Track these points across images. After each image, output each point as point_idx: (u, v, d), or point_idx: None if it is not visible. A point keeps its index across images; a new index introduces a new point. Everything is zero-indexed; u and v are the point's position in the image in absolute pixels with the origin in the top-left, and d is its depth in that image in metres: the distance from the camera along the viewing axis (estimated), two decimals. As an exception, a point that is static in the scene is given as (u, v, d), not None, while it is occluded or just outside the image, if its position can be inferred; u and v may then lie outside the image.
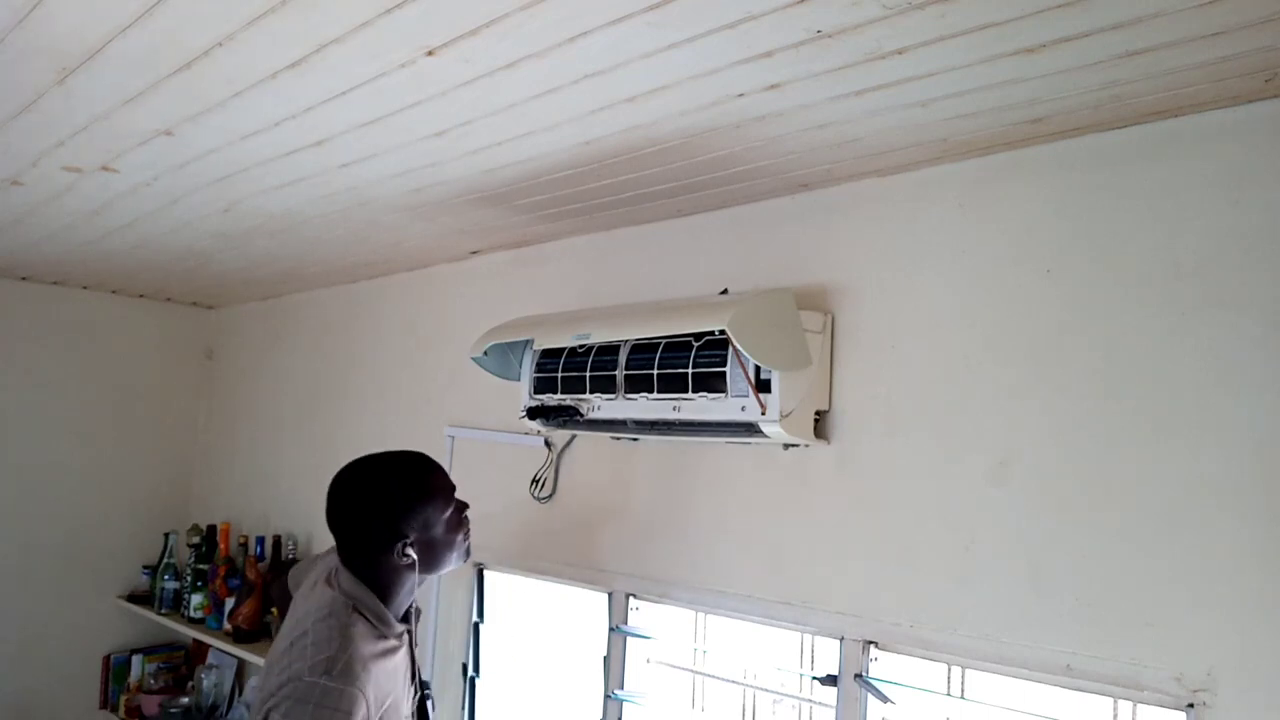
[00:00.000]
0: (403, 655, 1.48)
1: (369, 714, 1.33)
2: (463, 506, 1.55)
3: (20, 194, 1.99)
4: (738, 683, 2.01)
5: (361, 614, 1.42)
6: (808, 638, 2.10)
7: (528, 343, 1.95)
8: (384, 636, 1.43)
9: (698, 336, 1.61)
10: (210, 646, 3.05)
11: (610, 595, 1.98)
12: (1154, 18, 1.01)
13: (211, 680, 3.07)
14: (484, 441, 2.34)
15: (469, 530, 1.56)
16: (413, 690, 1.53)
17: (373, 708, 1.34)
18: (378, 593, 1.45)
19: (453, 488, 1.55)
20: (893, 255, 1.60)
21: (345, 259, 2.58)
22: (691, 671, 1.97)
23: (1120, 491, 1.30)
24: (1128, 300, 1.32)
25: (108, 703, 3.29)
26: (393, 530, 1.44)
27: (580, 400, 1.81)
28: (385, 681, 1.40)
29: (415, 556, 1.44)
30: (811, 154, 1.53)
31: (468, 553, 1.56)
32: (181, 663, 3.33)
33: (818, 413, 1.62)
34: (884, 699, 1.52)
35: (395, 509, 1.45)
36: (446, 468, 2.39)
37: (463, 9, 1.07)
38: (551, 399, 1.87)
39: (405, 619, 1.52)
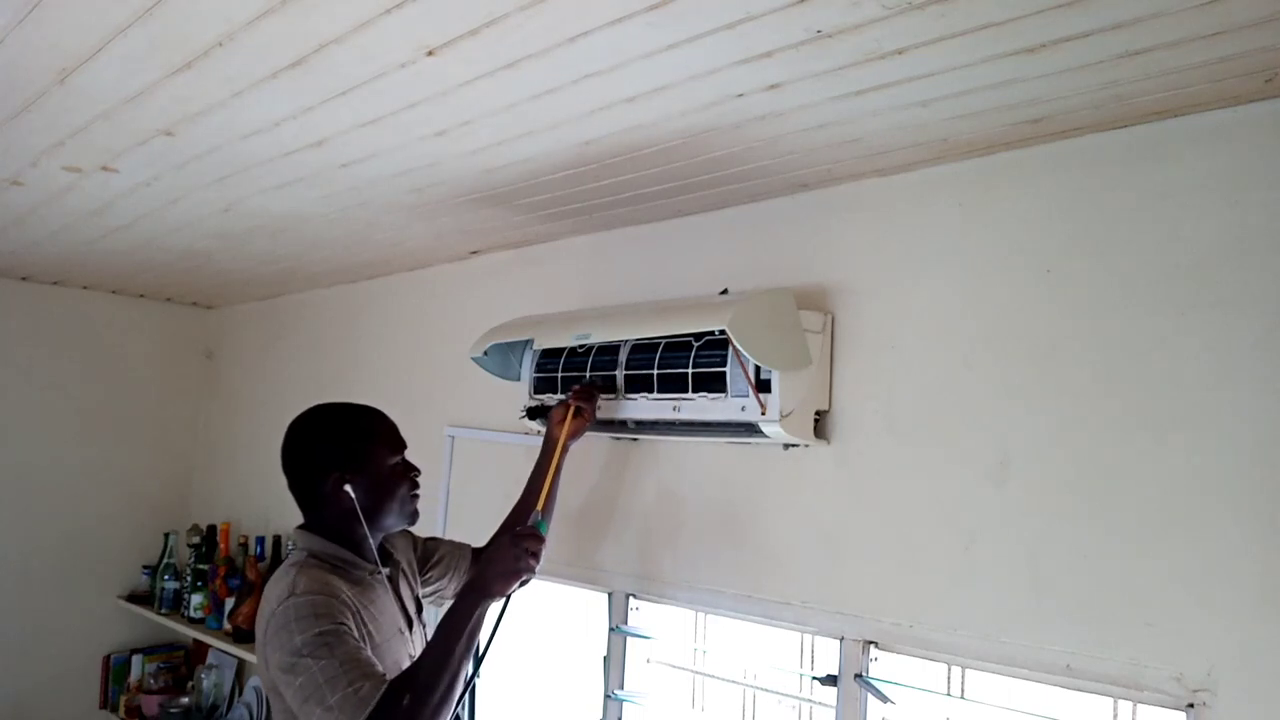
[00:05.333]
0: (384, 596, 1.49)
1: (353, 618, 1.36)
2: (412, 466, 1.57)
3: (20, 194, 1.99)
4: (738, 683, 2.01)
5: (317, 559, 1.46)
6: (808, 638, 2.10)
7: (528, 343, 1.95)
8: (350, 578, 1.45)
9: (698, 336, 1.61)
10: (210, 646, 3.05)
11: (610, 595, 1.98)
12: (1154, 18, 1.01)
13: (211, 680, 3.07)
14: (484, 441, 2.34)
15: (416, 492, 1.56)
16: (408, 638, 1.52)
17: (355, 615, 1.37)
18: (333, 539, 1.48)
19: (400, 441, 1.57)
20: (893, 255, 1.60)
21: (345, 259, 2.58)
22: (691, 671, 1.97)
23: (1120, 491, 1.30)
24: (1127, 300, 1.32)
25: (108, 703, 3.29)
26: (329, 462, 1.48)
27: (580, 400, 1.81)
28: (368, 607, 1.43)
29: (353, 494, 1.45)
30: (811, 154, 1.53)
31: (413, 515, 1.56)
32: (181, 663, 3.33)
33: (818, 413, 1.62)
34: (884, 699, 1.52)
35: (332, 442, 1.50)
36: (446, 467, 2.42)
37: (463, 9, 1.07)
38: (552, 399, 1.87)
39: (383, 564, 1.55)
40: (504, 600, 1.42)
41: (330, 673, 1.25)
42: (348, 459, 1.48)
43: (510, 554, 1.38)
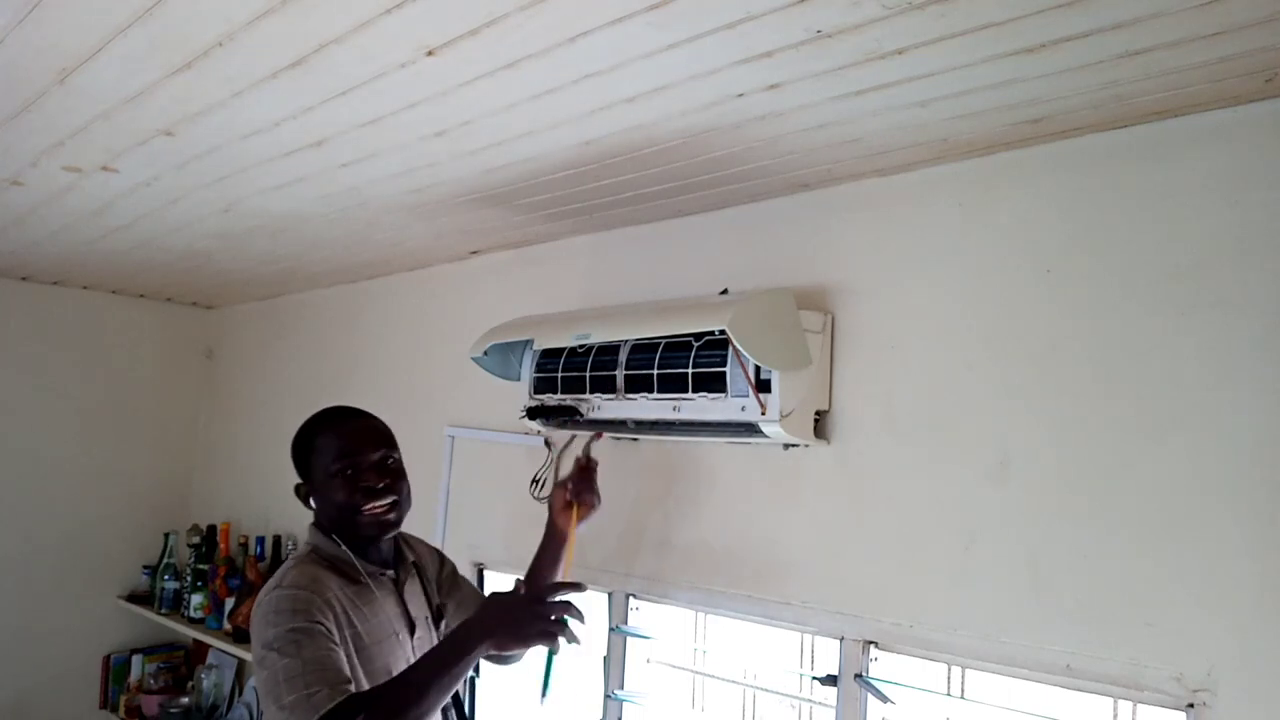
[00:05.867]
0: (383, 598, 1.49)
1: (335, 619, 1.34)
2: (364, 474, 1.47)
3: (20, 194, 1.99)
4: (738, 683, 2.01)
5: (317, 555, 1.48)
6: (808, 638, 2.10)
7: (528, 343, 1.95)
8: (348, 577, 1.46)
9: (698, 336, 1.61)
10: (210, 646, 3.06)
11: (610, 595, 1.98)
12: (1154, 18, 1.01)
13: (211, 680, 3.07)
14: (484, 441, 2.34)
15: (369, 504, 1.46)
16: (408, 641, 1.51)
17: (339, 616, 1.36)
18: (331, 536, 1.50)
19: (351, 447, 1.48)
20: (893, 255, 1.60)
21: (345, 259, 2.58)
22: (691, 671, 1.97)
23: (1120, 491, 1.30)
24: (1127, 300, 1.32)
25: (108, 703, 3.29)
26: (298, 473, 1.56)
27: (580, 400, 1.81)
28: (361, 608, 1.43)
29: (312, 504, 1.51)
30: (811, 154, 1.53)
31: (367, 525, 1.47)
32: (181, 663, 3.33)
33: (818, 413, 1.62)
34: (884, 699, 1.52)
35: (294, 454, 1.57)
36: (446, 467, 2.42)
37: (463, 9, 1.07)
38: (551, 399, 1.87)
39: (395, 565, 1.57)
40: (546, 666, 1.43)
41: (292, 671, 1.23)
42: (301, 470, 1.55)
43: (529, 614, 1.29)
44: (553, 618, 1.31)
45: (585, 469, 1.72)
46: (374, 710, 1.20)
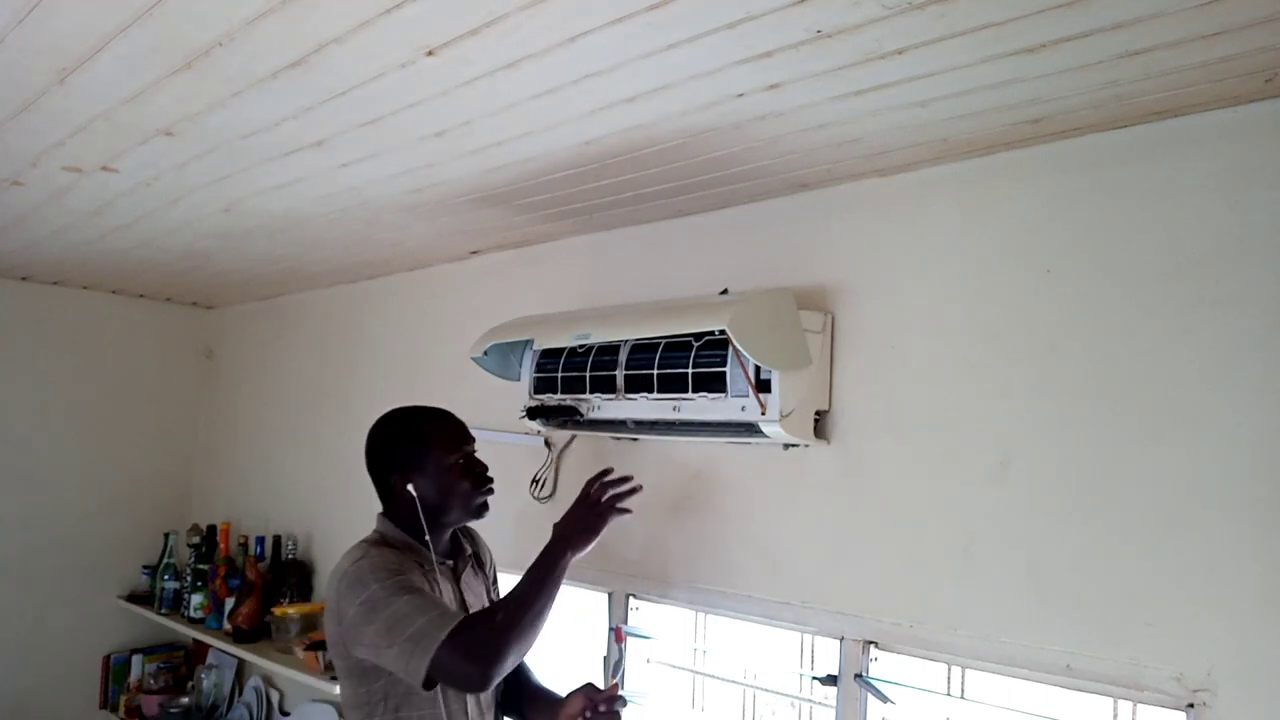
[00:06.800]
0: (443, 584, 1.57)
1: (418, 588, 1.45)
2: (476, 463, 1.63)
3: (20, 194, 1.99)
4: (738, 683, 2.01)
5: (386, 541, 1.57)
6: (808, 638, 2.10)
7: (528, 343, 1.95)
8: (412, 561, 1.54)
9: (698, 336, 1.61)
10: (210, 646, 3.05)
11: (610, 595, 1.98)
12: (1154, 18, 1.01)
13: (211, 680, 3.07)
14: (484, 441, 2.33)
15: (481, 487, 1.61)
16: None
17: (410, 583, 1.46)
18: (401, 527, 1.59)
19: (460, 440, 1.63)
20: (893, 255, 1.60)
21: (345, 259, 2.58)
22: (691, 671, 1.97)
23: (1120, 491, 1.30)
24: (1127, 300, 1.32)
25: (108, 703, 3.29)
26: (391, 464, 1.59)
27: (580, 400, 1.81)
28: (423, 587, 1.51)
29: (415, 493, 1.56)
30: (811, 154, 1.53)
31: (479, 509, 1.62)
32: (181, 663, 3.33)
33: (818, 413, 1.62)
34: (884, 699, 1.52)
35: (392, 446, 1.61)
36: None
37: (463, 9, 1.07)
38: (551, 399, 1.87)
39: (454, 555, 1.65)
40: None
41: (413, 605, 1.39)
42: (405, 461, 1.58)
43: (585, 509, 1.56)
44: (604, 500, 1.57)
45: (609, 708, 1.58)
46: (509, 608, 1.41)
